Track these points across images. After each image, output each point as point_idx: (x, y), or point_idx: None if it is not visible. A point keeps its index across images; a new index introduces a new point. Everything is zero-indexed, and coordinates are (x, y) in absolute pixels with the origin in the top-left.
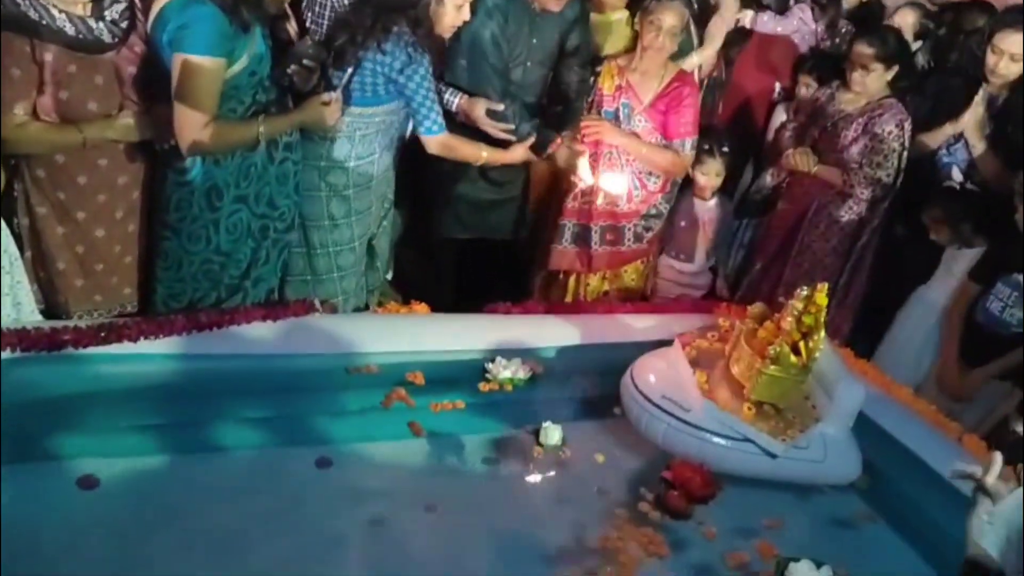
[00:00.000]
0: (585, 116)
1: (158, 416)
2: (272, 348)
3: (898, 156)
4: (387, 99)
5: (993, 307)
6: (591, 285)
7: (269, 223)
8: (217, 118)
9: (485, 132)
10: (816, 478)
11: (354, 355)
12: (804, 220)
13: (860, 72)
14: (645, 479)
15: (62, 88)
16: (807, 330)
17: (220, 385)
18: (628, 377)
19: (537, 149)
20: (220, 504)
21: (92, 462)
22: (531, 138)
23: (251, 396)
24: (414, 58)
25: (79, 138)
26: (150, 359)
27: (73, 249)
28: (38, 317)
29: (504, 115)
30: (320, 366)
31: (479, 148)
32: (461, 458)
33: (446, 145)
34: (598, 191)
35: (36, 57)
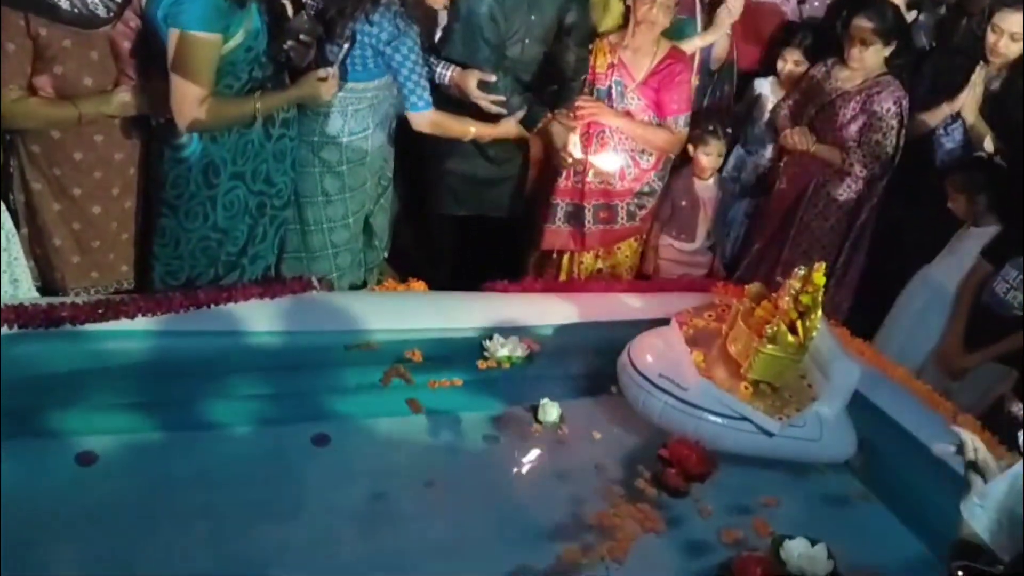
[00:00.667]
0: (581, 96)
1: (156, 393)
2: (270, 325)
3: (896, 134)
4: (377, 73)
5: (999, 288)
6: (585, 263)
7: (266, 200)
8: (213, 94)
9: (477, 106)
10: (812, 457)
11: (352, 332)
12: (802, 199)
13: (859, 47)
14: (642, 457)
15: (57, 63)
16: (804, 310)
17: (218, 362)
18: (625, 356)
19: (527, 124)
20: (218, 480)
21: (91, 438)
22: (521, 112)
23: (249, 373)
24: (401, 29)
25: (74, 113)
26: (148, 336)
27: (70, 226)
28: (35, 294)
29: (495, 87)
30: (318, 344)
31: (467, 123)
32: (459, 435)
33: (432, 122)
34: (590, 169)
35: (31, 32)
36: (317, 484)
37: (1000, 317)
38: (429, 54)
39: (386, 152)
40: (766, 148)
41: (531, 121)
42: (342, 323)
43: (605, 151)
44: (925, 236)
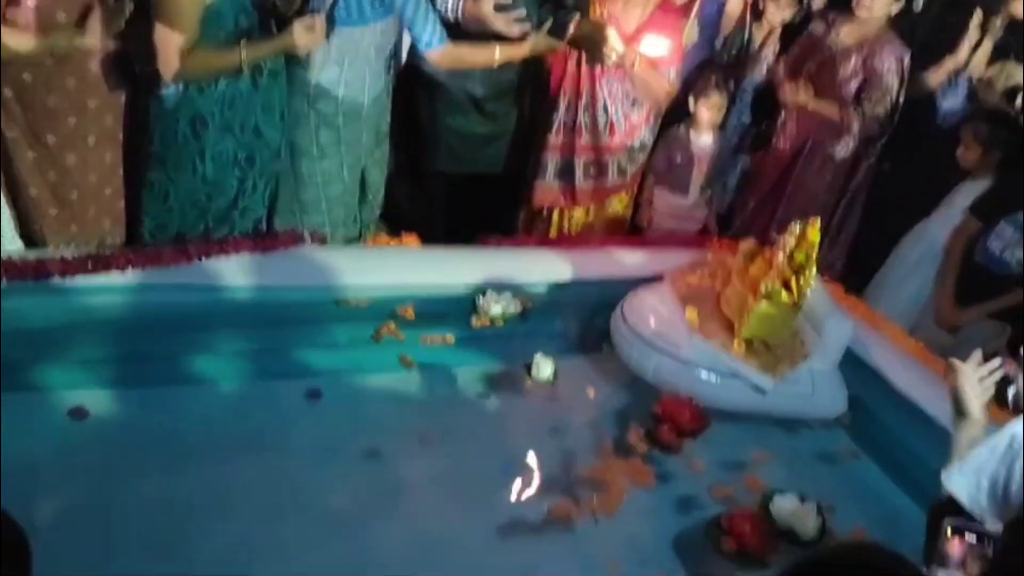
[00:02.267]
0: None
1: (148, 348)
2: (262, 280)
3: (896, 92)
4: (373, 16)
5: (993, 246)
6: (575, 218)
7: (255, 152)
8: (199, 44)
9: (497, 36)
10: (804, 413)
11: (344, 288)
12: (799, 157)
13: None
14: (635, 413)
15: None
16: (798, 267)
17: (210, 317)
18: (619, 313)
19: (557, 32)
20: (211, 435)
21: (82, 393)
22: (548, 23)
23: (241, 328)
24: None
25: (44, 46)
26: (138, 290)
27: (45, 175)
28: (19, 244)
29: (513, 6)
30: (310, 298)
31: (491, 48)
32: (454, 391)
33: (451, 56)
34: (581, 128)
35: None
36: (310, 438)
37: (995, 274)
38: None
39: (383, 105)
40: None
41: (560, 28)
42: (334, 278)
43: (646, 37)
44: (921, 194)
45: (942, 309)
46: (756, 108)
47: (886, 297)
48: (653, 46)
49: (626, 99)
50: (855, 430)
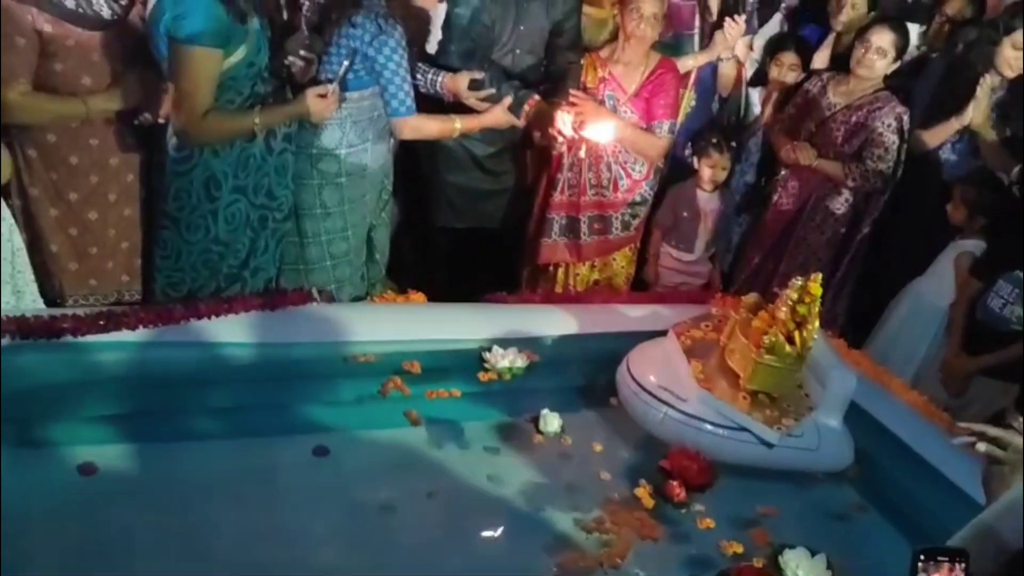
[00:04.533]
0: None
1: (157, 404)
2: (270, 337)
3: (897, 149)
4: (369, 82)
5: (993, 304)
6: (580, 274)
7: (268, 213)
8: (215, 108)
9: (472, 109)
10: (810, 466)
11: (351, 344)
12: (801, 214)
13: (874, 55)
14: (643, 467)
15: (57, 60)
16: (801, 320)
17: (218, 373)
18: (624, 367)
19: (513, 108)
20: (219, 491)
21: (91, 449)
22: (508, 99)
23: (249, 384)
24: (384, 29)
25: (82, 110)
26: (149, 347)
27: (67, 231)
28: (40, 306)
29: (482, 83)
30: (317, 355)
31: (451, 120)
32: (461, 445)
33: (415, 127)
34: (585, 186)
35: (36, 27)
36: (317, 495)
37: (997, 332)
38: (423, 62)
39: (387, 166)
40: (751, 165)
41: (517, 104)
42: (340, 335)
43: (593, 123)
44: (921, 250)
45: (950, 371)
46: (759, 167)
47: (880, 352)
48: (597, 132)
49: (627, 156)
50: (863, 484)
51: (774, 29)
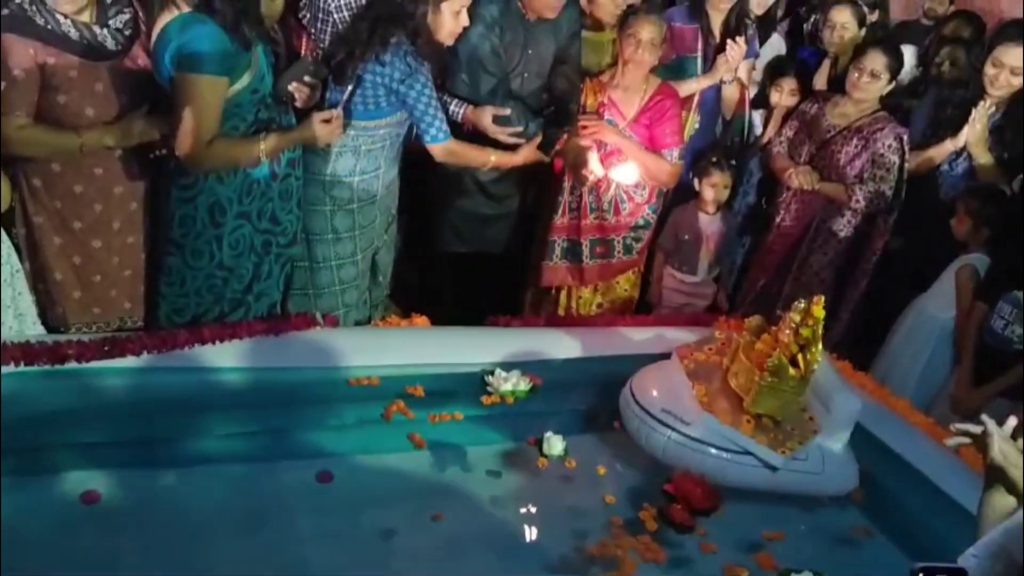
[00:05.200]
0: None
1: (160, 430)
2: (273, 362)
3: (899, 169)
4: (389, 111)
5: (996, 325)
6: (583, 298)
7: (272, 239)
8: (220, 135)
9: (491, 139)
10: (815, 490)
11: (355, 368)
12: (804, 236)
13: (868, 79)
14: (646, 491)
15: (61, 92)
16: (805, 342)
17: (222, 399)
18: (628, 390)
19: (544, 147)
20: (223, 517)
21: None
22: (538, 138)
23: (252, 410)
24: (413, 67)
25: (76, 142)
26: (152, 373)
27: (70, 259)
28: (40, 329)
29: (510, 119)
30: (320, 379)
31: (486, 152)
32: (464, 469)
33: (452, 152)
34: (586, 209)
35: (38, 60)
36: (320, 520)
37: (1002, 353)
38: (441, 93)
39: (394, 189)
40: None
41: (548, 144)
42: (343, 359)
43: (621, 165)
44: (923, 269)
45: (960, 397)
46: (760, 189)
47: (884, 369)
48: (624, 174)
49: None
50: (868, 507)
51: (774, 48)
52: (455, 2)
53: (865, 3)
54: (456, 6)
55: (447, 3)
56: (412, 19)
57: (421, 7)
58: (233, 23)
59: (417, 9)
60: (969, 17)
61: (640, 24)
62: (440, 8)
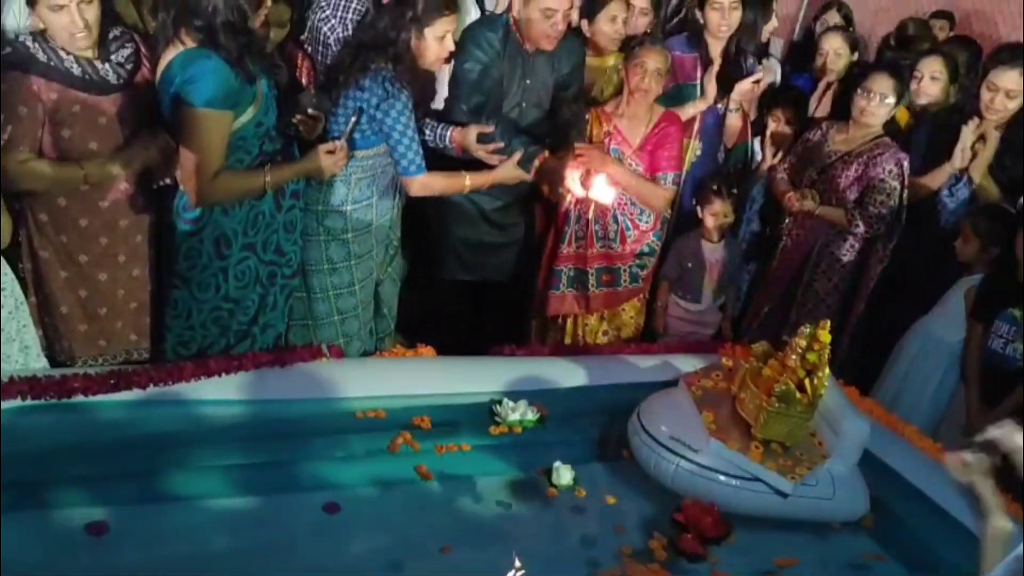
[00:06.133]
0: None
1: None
2: (279, 393)
3: (899, 194)
4: (376, 141)
5: (995, 344)
6: (590, 325)
7: (277, 269)
8: (224, 168)
9: (482, 163)
10: (825, 516)
11: (361, 399)
12: (807, 262)
13: (876, 102)
14: (656, 520)
15: (65, 127)
16: (811, 368)
17: (228, 431)
18: (635, 418)
19: (523, 163)
20: (228, 552)
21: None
22: (518, 154)
23: (258, 441)
24: (391, 92)
25: (79, 174)
26: (157, 405)
27: (77, 292)
28: (44, 362)
29: (491, 136)
30: (326, 411)
31: (461, 176)
32: (473, 499)
33: (426, 185)
34: (592, 238)
35: (42, 96)
36: (328, 553)
37: (1007, 372)
38: (431, 119)
39: (394, 221)
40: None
41: (527, 160)
42: (349, 390)
43: (596, 182)
44: (924, 293)
45: (973, 423)
46: (764, 216)
47: (890, 393)
48: (601, 193)
49: (633, 207)
50: (879, 532)
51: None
52: (438, 28)
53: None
54: (440, 31)
55: (430, 29)
56: (394, 45)
57: (404, 34)
58: (237, 58)
59: (400, 36)
60: (966, 42)
61: (647, 54)
62: (424, 34)
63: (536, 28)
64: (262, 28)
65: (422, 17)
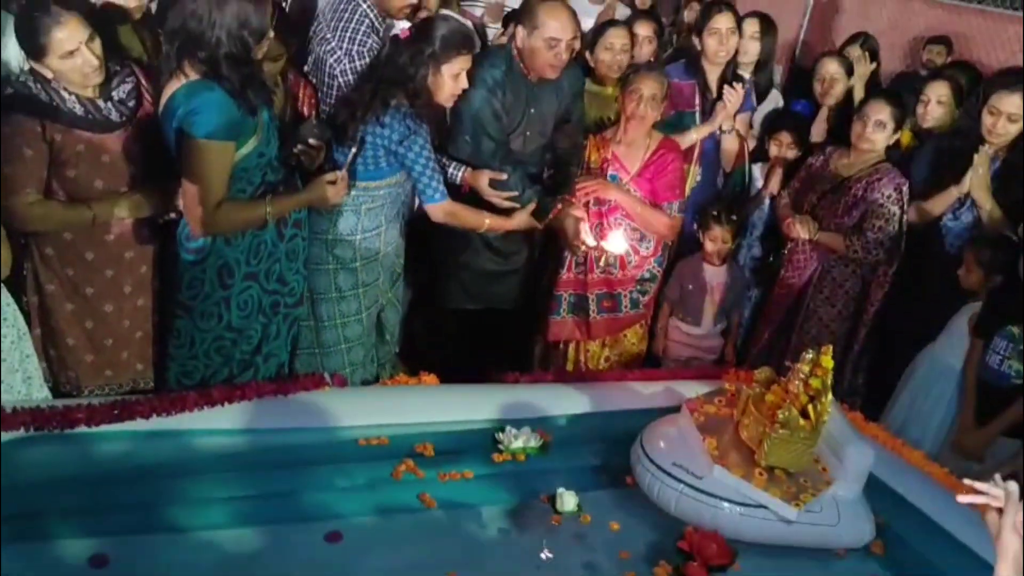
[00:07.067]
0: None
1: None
2: (282, 422)
3: (899, 220)
4: (389, 172)
5: (992, 361)
6: (592, 351)
7: (279, 299)
8: (227, 199)
9: (488, 202)
10: (831, 542)
11: (363, 428)
12: (808, 287)
13: (873, 128)
14: (661, 547)
15: (70, 167)
16: (815, 393)
17: (231, 460)
18: (638, 445)
19: (538, 215)
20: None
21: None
22: (532, 204)
23: (260, 471)
24: (412, 128)
25: (88, 215)
26: (160, 435)
27: (82, 324)
28: (47, 392)
29: (507, 184)
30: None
31: (482, 215)
32: (477, 527)
33: (449, 212)
34: (592, 264)
35: (47, 137)
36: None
37: (1002, 390)
38: (440, 154)
39: (398, 248)
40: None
41: (543, 212)
42: (351, 419)
43: (612, 235)
44: (930, 319)
45: (963, 439)
46: (765, 241)
47: (898, 419)
48: (615, 244)
49: (634, 233)
50: (886, 558)
51: (772, 102)
52: (455, 65)
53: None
54: (456, 69)
55: (447, 66)
56: (412, 81)
57: (422, 70)
58: (239, 89)
59: (418, 72)
60: (965, 67)
61: (642, 80)
62: (440, 71)
63: (540, 58)
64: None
65: (440, 54)
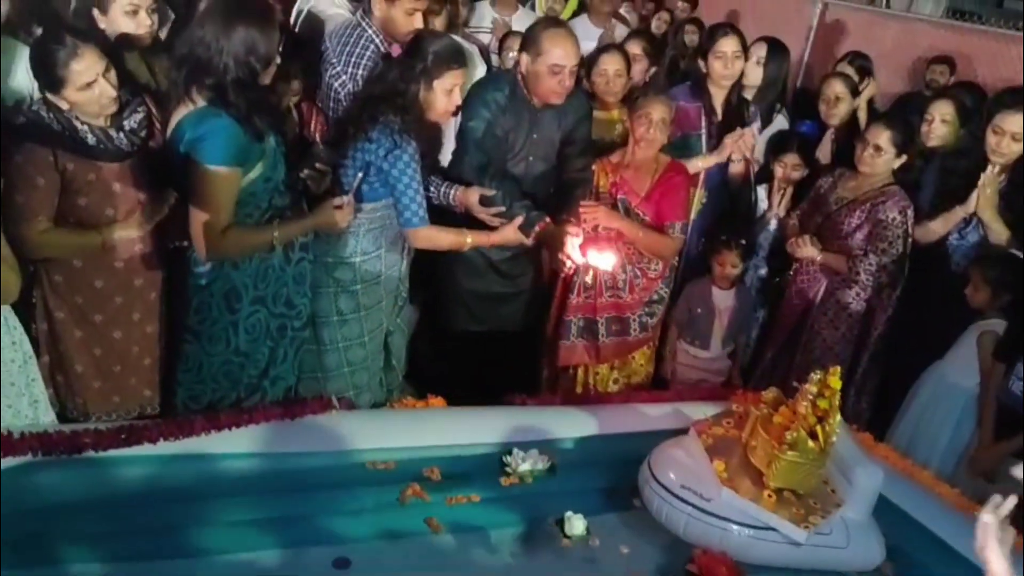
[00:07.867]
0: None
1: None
2: (289, 446)
3: (903, 242)
4: (384, 194)
5: (1015, 387)
6: (600, 374)
7: (287, 322)
8: (234, 224)
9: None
10: (841, 564)
11: (370, 451)
12: (812, 308)
13: (871, 152)
14: (670, 569)
15: (81, 195)
16: (822, 414)
17: (237, 485)
18: (646, 467)
19: (524, 228)
20: None
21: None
22: (519, 218)
23: (268, 495)
24: (398, 144)
25: (98, 240)
26: (167, 460)
27: (91, 351)
28: (53, 415)
29: (494, 199)
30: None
31: (463, 234)
32: (485, 550)
33: (428, 238)
34: (601, 287)
35: (58, 166)
36: None
37: (1018, 414)
38: (437, 175)
39: (403, 272)
40: (763, 260)
41: (528, 225)
42: (358, 442)
43: (603, 252)
44: (936, 339)
45: (977, 457)
46: (772, 262)
47: (904, 438)
48: (601, 260)
49: (641, 256)
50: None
51: (777, 123)
52: (447, 80)
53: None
54: (448, 84)
55: (439, 81)
56: (403, 97)
57: (413, 86)
58: (246, 115)
59: (409, 88)
60: (969, 86)
61: (651, 104)
62: (432, 86)
63: (544, 84)
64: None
65: (431, 69)
